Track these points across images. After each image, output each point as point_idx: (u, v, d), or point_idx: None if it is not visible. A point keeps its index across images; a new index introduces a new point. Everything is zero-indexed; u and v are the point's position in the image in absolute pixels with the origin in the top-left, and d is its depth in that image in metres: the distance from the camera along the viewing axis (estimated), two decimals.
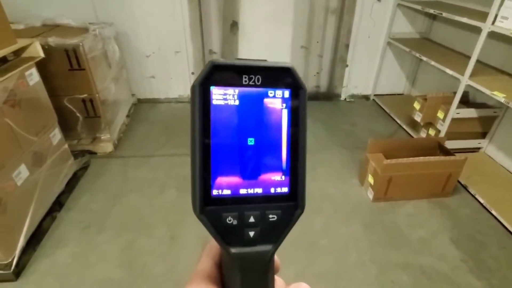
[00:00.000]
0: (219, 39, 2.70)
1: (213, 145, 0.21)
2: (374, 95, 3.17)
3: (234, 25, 2.66)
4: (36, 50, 1.62)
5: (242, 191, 0.22)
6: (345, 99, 3.17)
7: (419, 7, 2.49)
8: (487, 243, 1.61)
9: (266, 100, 0.22)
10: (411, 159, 1.75)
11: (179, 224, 1.65)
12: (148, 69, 2.77)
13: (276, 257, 0.24)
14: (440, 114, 2.24)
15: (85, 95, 1.97)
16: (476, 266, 1.49)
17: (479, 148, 2.34)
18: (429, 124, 2.37)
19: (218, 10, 2.56)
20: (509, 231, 1.67)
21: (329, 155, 2.29)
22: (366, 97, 3.21)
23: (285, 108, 0.22)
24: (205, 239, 0.25)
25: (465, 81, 1.97)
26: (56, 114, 1.76)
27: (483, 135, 2.31)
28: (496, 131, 2.24)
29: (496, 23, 1.75)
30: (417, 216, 1.79)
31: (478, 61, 1.93)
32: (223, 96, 0.21)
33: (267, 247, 0.23)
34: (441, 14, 2.20)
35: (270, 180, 0.23)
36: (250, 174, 0.22)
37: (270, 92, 0.22)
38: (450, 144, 2.17)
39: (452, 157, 1.81)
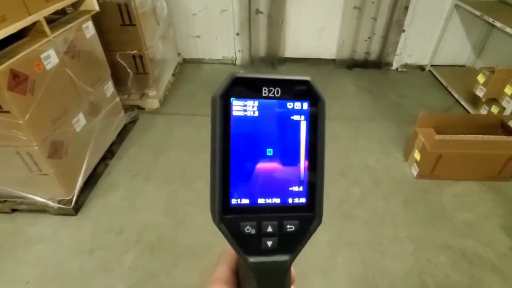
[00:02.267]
0: None
1: (233, 155, 0.21)
2: (431, 65, 2.86)
3: None
4: (92, 3, 1.66)
5: (260, 201, 0.22)
6: (396, 68, 2.91)
7: None
8: None
9: (285, 112, 0.22)
10: (467, 136, 1.59)
11: None
12: (194, 28, 2.74)
13: (292, 268, 0.24)
14: (508, 90, 1.96)
15: (135, 51, 2.01)
16: None
17: None
18: (493, 101, 2.10)
19: None
20: None
21: (374, 127, 2.16)
22: (421, 68, 2.91)
23: (304, 119, 0.22)
24: (222, 247, 0.25)
25: None
26: (109, 68, 1.83)
27: None
28: None
29: None
30: (465, 197, 1.66)
31: None
32: (243, 108, 0.21)
33: (284, 257, 0.23)
34: None
35: (288, 191, 0.23)
36: (269, 184, 0.22)
37: (289, 104, 0.22)
38: None
39: None
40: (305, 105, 0.22)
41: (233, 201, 0.22)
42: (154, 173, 1.77)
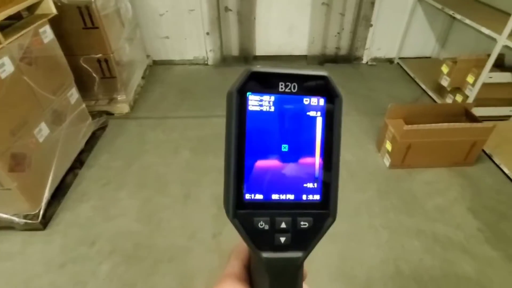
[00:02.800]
0: None
1: (247, 150, 0.21)
2: (399, 58, 2.98)
3: None
4: (49, 6, 1.59)
5: (274, 197, 0.22)
6: (367, 62, 3.00)
7: None
8: (508, 214, 1.56)
9: (301, 107, 0.22)
10: (433, 125, 1.67)
11: (193, 183, 1.69)
12: (163, 29, 2.70)
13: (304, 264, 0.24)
14: (470, 79, 2.08)
15: (100, 54, 1.95)
16: (494, 236, 1.46)
17: (510, 116, 2.19)
18: (457, 90, 2.22)
19: None
20: None
21: (347, 121, 2.22)
22: (390, 61, 3.02)
23: (320, 115, 0.22)
24: (234, 242, 0.25)
25: (502, 41, 1.79)
26: (73, 74, 1.77)
27: None
28: None
29: None
30: (435, 184, 1.74)
31: None
32: (259, 103, 0.21)
33: (297, 254, 0.22)
34: None
35: (302, 187, 0.23)
36: (283, 180, 0.22)
37: (306, 100, 0.22)
38: (478, 111, 2.03)
39: (478, 124, 1.71)
40: (322, 101, 0.22)
41: (247, 196, 0.22)
42: (127, 180, 1.73)
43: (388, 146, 1.83)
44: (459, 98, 2.21)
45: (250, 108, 0.21)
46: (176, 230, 1.47)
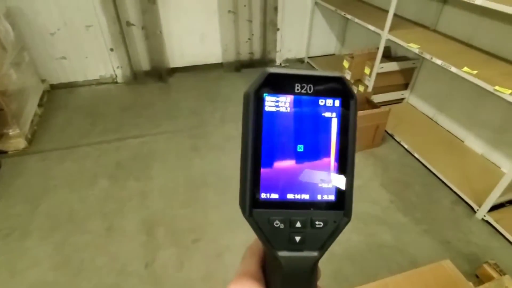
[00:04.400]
0: (135, 8, 2.51)
1: (264, 150, 0.22)
2: (308, 57, 3.29)
3: None
4: None
5: (290, 196, 0.23)
6: (280, 63, 3.24)
7: None
8: (411, 182, 1.86)
9: (316, 108, 0.23)
10: None
11: (115, 213, 1.60)
12: (57, 49, 2.49)
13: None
14: (367, 70, 2.43)
15: None
16: (403, 204, 1.72)
17: (403, 99, 2.61)
18: (359, 81, 2.56)
19: None
20: (429, 169, 1.93)
21: None
22: (301, 60, 3.31)
23: (335, 116, 0.23)
24: (249, 241, 0.26)
25: (385, 35, 2.14)
26: None
27: (405, 86, 2.58)
28: (416, 81, 2.50)
29: None
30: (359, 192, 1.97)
31: (396, 15, 2.10)
32: (276, 103, 0.22)
33: (312, 253, 0.23)
34: None
35: (317, 187, 0.23)
36: (299, 180, 0.23)
37: (321, 101, 0.23)
38: (377, 98, 2.38)
39: (377, 110, 2.00)
40: (337, 102, 0.23)
41: (263, 195, 0.23)
42: (33, 225, 1.55)
43: None
44: (361, 88, 2.55)
45: (267, 108, 0.22)
46: (102, 268, 1.37)
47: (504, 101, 1.44)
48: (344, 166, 0.23)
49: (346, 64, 2.55)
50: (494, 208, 1.62)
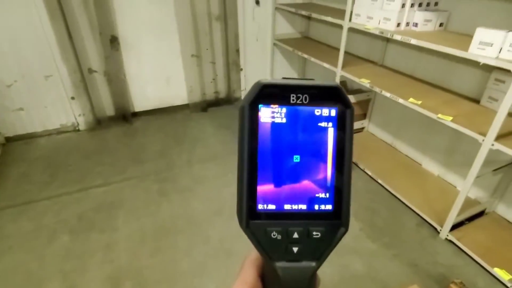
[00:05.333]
0: (98, 55, 2.56)
1: (260, 161, 0.23)
2: None
3: (114, 40, 2.56)
4: None
5: (287, 207, 0.23)
6: None
7: (293, 10, 2.84)
8: (377, 208, 1.95)
9: (312, 118, 0.23)
10: None
11: (77, 271, 1.51)
12: (14, 101, 2.44)
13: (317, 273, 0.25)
14: None
15: None
16: (372, 231, 1.78)
17: (363, 128, 2.79)
18: None
19: (89, 22, 2.41)
20: (392, 194, 2.04)
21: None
22: None
23: (332, 126, 0.23)
24: (248, 251, 0.26)
25: (339, 72, 2.33)
26: None
27: (364, 116, 2.77)
28: (373, 111, 2.71)
29: (352, 20, 2.13)
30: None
31: (347, 53, 2.31)
32: (271, 115, 0.23)
33: (310, 264, 0.24)
34: (311, 15, 2.56)
35: (314, 197, 0.24)
36: (295, 190, 0.23)
37: (317, 111, 0.23)
38: None
39: None
40: (333, 112, 0.23)
41: (260, 206, 0.23)
42: None
43: None
44: None
45: (262, 120, 0.23)
46: None
47: (448, 126, 1.61)
48: (341, 175, 0.24)
49: None
50: (455, 226, 1.73)
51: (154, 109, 3.03)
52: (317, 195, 0.24)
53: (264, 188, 0.23)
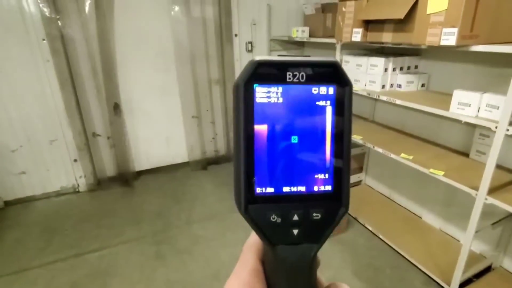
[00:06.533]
0: (103, 120, 2.67)
1: (256, 143, 0.22)
2: None
3: (116, 107, 2.69)
4: None
5: (286, 189, 0.23)
6: None
7: None
8: (381, 266, 1.87)
9: (310, 97, 0.22)
10: None
11: None
12: (16, 165, 2.47)
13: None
14: None
15: None
16: None
17: (360, 181, 2.79)
18: None
19: (97, 90, 2.56)
20: (395, 250, 1.97)
21: (236, 217, 2.36)
22: None
23: (330, 105, 0.22)
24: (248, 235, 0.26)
25: None
26: None
27: (360, 170, 2.80)
28: (368, 164, 2.74)
29: None
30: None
31: None
32: (267, 94, 0.22)
33: (310, 246, 0.23)
34: None
35: (313, 178, 0.23)
36: (294, 172, 0.23)
37: (314, 89, 0.22)
38: None
39: None
40: (331, 90, 0.22)
41: (258, 190, 0.22)
42: None
43: None
44: None
45: (258, 100, 0.21)
46: None
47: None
48: (340, 155, 0.23)
49: None
50: (463, 284, 1.65)
51: (154, 168, 3.06)
52: (316, 176, 0.23)
53: (262, 171, 0.22)
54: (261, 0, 2.94)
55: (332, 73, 0.22)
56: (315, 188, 0.23)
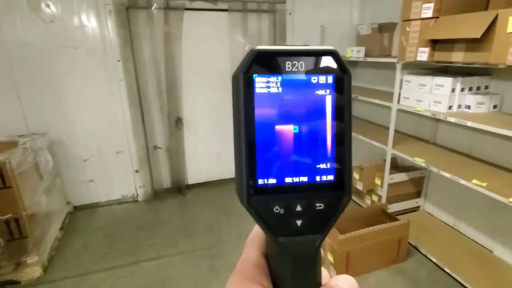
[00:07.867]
0: (163, 134, 2.81)
1: (258, 134, 0.22)
2: None
3: (178, 121, 2.83)
4: None
5: (288, 180, 0.22)
6: None
7: None
8: None
9: (309, 87, 0.22)
10: (362, 231, 1.86)
11: None
12: (87, 173, 2.68)
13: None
14: (378, 181, 2.50)
15: (9, 215, 1.79)
16: None
17: (418, 207, 2.59)
18: (371, 191, 2.61)
19: (160, 108, 2.73)
20: (464, 286, 1.77)
21: None
22: None
23: (329, 94, 0.22)
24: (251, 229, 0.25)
25: (390, 150, 2.30)
26: None
27: (418, 194, 2.60)
28: (428, 189, 2.54)
29: (401, 102, 2.17)
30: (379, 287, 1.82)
31: (396, 131, 2.30)
32: (266, 84, 0.21)
33: (314, 236, 0.23)
34: (357, 97, 2.65)
35: (315, 168, 0.23)
36: (296, 162, 0.23)
37: (314, 78, 0.22)
38: (393, 207, 2.38)
39: (396, 222, 1.97)
40: (330, 79, 0.22)
41: (260, 181, 0.22)
42: None
43: (330, 257, 1.92)
44: (375, 197, 2.57)
45: (257, 90, 0.21)
46: None
47: None
48: (341, 144, 0.23)
49: (356, 175, 2.65)
50: None
51: (204, 182, 3.13)
52: (318, 166, 0.23)
53: (264, 163, 0.22)
54: (315, 22, 2.95)
55: (330, 62, 0.22)
56: (318, 178, 0.23)
